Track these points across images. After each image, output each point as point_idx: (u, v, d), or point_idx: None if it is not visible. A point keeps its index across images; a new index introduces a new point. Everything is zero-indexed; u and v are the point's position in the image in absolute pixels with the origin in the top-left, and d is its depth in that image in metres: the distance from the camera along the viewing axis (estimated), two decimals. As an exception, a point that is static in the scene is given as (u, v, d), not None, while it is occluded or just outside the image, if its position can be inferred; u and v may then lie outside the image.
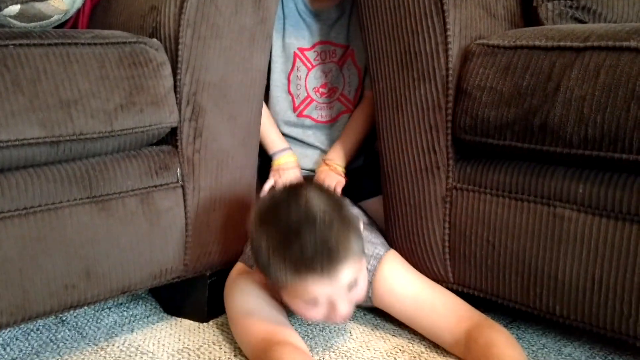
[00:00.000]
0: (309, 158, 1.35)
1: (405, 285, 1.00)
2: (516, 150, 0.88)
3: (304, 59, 1.30)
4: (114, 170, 0.91)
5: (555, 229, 0.85)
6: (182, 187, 0.99)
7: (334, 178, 1.23)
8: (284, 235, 0.84)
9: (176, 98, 0.96)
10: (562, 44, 0.84)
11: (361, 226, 0.93)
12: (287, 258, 0.83)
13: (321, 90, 1.32)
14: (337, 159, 1.27)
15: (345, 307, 0.88)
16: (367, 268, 0.99)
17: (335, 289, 0.86)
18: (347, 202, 0.91)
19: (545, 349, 0.97)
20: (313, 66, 1.30)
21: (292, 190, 0.90)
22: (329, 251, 0.83)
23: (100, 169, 0.90)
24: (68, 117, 0.84)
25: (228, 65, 1.00)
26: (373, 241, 1.04)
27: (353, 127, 1.30)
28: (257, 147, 1.13)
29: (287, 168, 1.26)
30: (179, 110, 0.97)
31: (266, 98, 1.31)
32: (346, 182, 1.24)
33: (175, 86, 0.96)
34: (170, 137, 0.99)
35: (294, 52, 1.29)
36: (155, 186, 0.96)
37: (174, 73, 0.96)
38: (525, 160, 0.89)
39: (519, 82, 0.86)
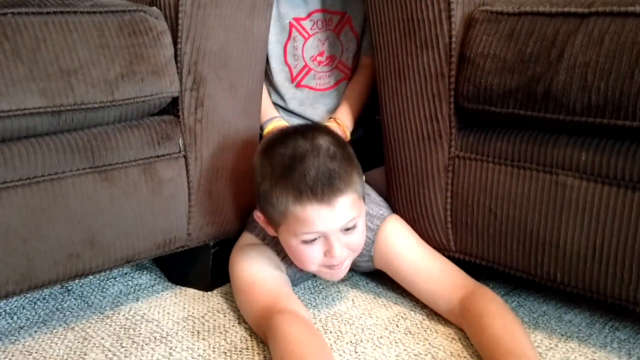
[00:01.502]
0: None
1: (406, 247, 1.01)
2: (519, 118, 0.87)
3: (300, 28, 1.28)
4: (116, 141, 0.91)
5: (557, 197, 0.85)
6: (185, 157, 0.99)
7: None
8: (289, 161, 0.88)
9: (177, 67, 0.96)
10: (566, 10, 0.83)
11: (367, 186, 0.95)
12: (291, 182, 0.87)
13: (319, 58, 1.30)
14: (344, 118, 1.26)
15: (340, 250, 0.90)
16: (370, 227, 1.00)
17: (333, 222, 0.87)
18: (351, 147, 0.96)
19: (546, 316, 0.98)
20: (310, 35, 1.29)
21: (301, 127, 0.96)
22: (330, 178, 0.86)
23: (102, 139, 0.90)
24: (69, 86, 0.84)
25: (229, 33, 1.00)
26: (379, 203, 1.06)
27: (355, 90, 1.29)
28: (259, 116, 1.12)
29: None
30: (180, 79, 0.96)
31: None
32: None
33: (175, 55, 0.95)
34: (172, 107, 0.98)
35: (290, 22, 1.27)
36: (158, 156, 0.96)
37: (174, 42, 0.95)
38: (528, 128, 0.89)
39: (523, 49, 0.85)
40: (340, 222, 0.88)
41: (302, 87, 1.31)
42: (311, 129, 0.94)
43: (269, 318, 0.87)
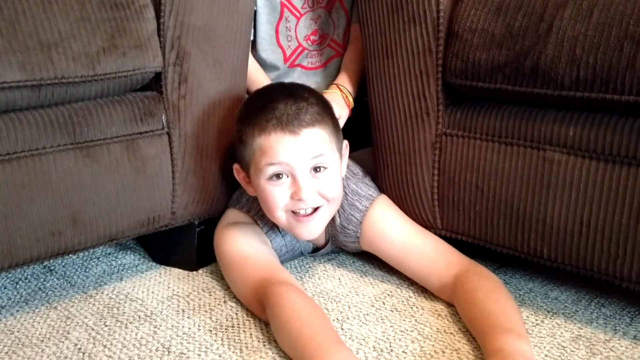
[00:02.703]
0: None
1: (396, 228, 1.00)
2: (507, 93, 0.87)
3: (291, 7, 1.26)
4: (98, 116, 0.90)
5: (544, 173, 0.85)
6: (168, 134, 0.98)
7: (342, 107, 1.16)
8: (262, 103, 0.91)
9: (160, 42, 0.94)
10: (555, -17, 0.82)
11: (358, 169, 1.00)
12: (259, 117, 0.90)
13: (312, 37, 1.29)
14: (346, 84, 1.22)
15: (308, 190, 0.89)
16: (358, 207, 1.00)
17: (297, 153, 0.88)
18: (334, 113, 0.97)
19: (532, 293, 0.98)
20: (302, 14, 1.27)
21: (288, 83, 1.01)
22: (297, 111, 0.89)
23: (84, 114, 0.88)
24: (49, 60, 0.82)
25: (213, 8, 0.98)
26: (367, 183, 1.05)
27: (354, 58, 1.26)
28: (245, 94, 1.11)
29: None
30: (163, 54, 0.94)
31: (253, 52, 1.28)
32: (350, 115, 1.20)
33: (158, 29, 0.93)
34: (155, 83, 0.96)
35: (281, 1, 1.25)
36: (140, 133, 0.94)
37: (157, 16, 0.93)
38: (516, 104, 0.88)
39: (511, 23, 0.84)
40: (306, 153, 0.88)
41: (294, 66, 1.30)
42: (298, 85, 0.97)
43: (269, 287, 0.86)
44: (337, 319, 0.91)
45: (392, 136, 1.03)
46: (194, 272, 1.08)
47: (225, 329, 0.89)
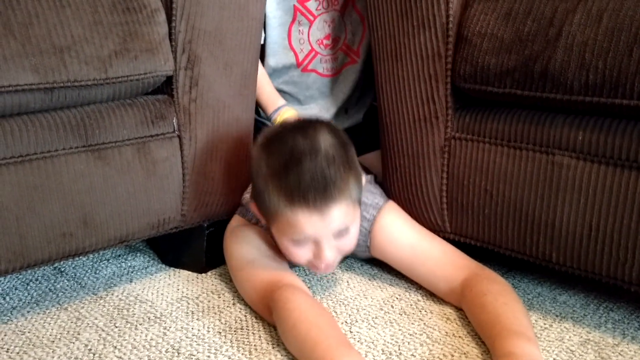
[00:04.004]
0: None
1: (404, 235, 1.00)
2: (516, 98, 0.87)
3: (304, 10, 1.26)
4: (110, 119, 0.90)
5: (553, 177, 0.85)
6: (179, 137, 0.98)
7: None
8: (285, 161, 0.84)
9: (171, 46, 0.95)
10: (564, -12, 0.82)
11: (364, 178, 0.93)
12: (284, 185, 0.84)
13: (325, 42, 1.29)
14: None
15: (330, 254, 0.88)
16: (366, 217, 0.99)
17: (324, 229, 0.86)
18: (352, 147, 0.92)
19: (541, 297, 0.98)
20: (315, 17, 1.27)
21: (303, 122, 0.91)
22: (325, 185, 0.83)
23: (96, 117, 0.89)
24: (61, 63, 0.83)
25: (223, 12, 0.98)
26: (373, 191, 1.04)
27: None
28: (254, 97, 1.11)
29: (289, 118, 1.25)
30: (174, 58, 0.95)
31: (262, 57, 1.29)
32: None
33: (170, 33, 0.94)
34: (166, 86, 0.97)
35: (294, 5, 1.25)
36: (152, 136, 0.95)
37: (169, 20, 0.94)
38: (525, 108, 0.89)
39: (520, 28, 0.85)
40: (332, 229, 0.87)
41: (308, 71, 1.30)
42: (312, 126, 0.88)
43: (274, 292, 0.87)
44: (346, 322, 0.91)
45: (401, 140, 1.03)
46: (203, 275, 1.08)
47: (235, 331, 0.89)
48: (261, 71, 1.26)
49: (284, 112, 1.24)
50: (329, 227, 0.86)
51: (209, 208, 1.06)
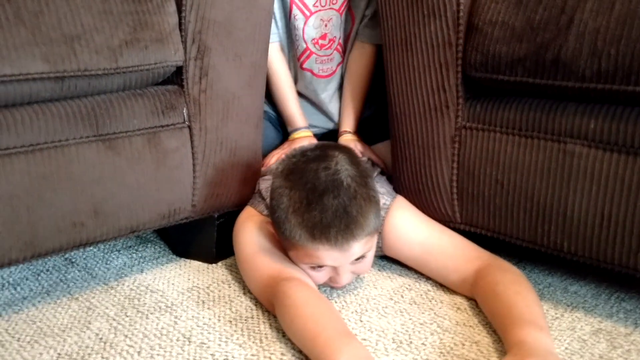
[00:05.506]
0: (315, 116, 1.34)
1: (414, 231, 1.00)
2: (527, 86, 0.86)
3: (300, 5, 1.23)
4: (120, 109, 0.90)
5: (565, 166, 0.84)
6: (189, 127, 0.98)
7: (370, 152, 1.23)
8: (307, 196, 0.84)
9: (181, 36, 0.94)
10: (576, -25, 0.81)
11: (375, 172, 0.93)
12: (305, 220, 0.84)
13: (320, 42, 1.26)
14: (354, 125, 1.27)
15: (347, 278, 0.91)
16: None
17: (342, 261, 0.87)
18: (372, 174, 0.92)
19: (552, 287, 0.98)
20: (311, 13, 1.23)
21: (324, 151, 0.90)
22: (347, 224, 0.83)
23: (106, 107, 0.89)
24: (72, 52, 0.83)
25: (233, 2, 0.98)
26: (379, 190, 1.04)
27: (355, 94, 1.28)
28: (264, 88, 1.11)
29: (301, 138, 1.25)
30: (184, 48, 0.95)
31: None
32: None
33: (180, 24, 0.94)
34: (176, 77, 0.97)
35: None
36: (162, 126, 0.95)
37: (179, 10, 0.94)
38: (536, 96, 0.88)
39: (532, 16, 0.84)
40: (350, 260, 0.88)
41: (305, 70, 1.29)
42: (333, 157, 0.87)
43: (275, 285, 0.87)
44: (356, 311, 0.91)
45: (411, 129, 1.03)
46: (213, 265, 1.09)
47: (245, 320, 0.89)
48: (289, 84, 1.26)
49: (298, 134, 1.26)
50: (348, 259, 0.87)
51: (219, 199, 1.06)
